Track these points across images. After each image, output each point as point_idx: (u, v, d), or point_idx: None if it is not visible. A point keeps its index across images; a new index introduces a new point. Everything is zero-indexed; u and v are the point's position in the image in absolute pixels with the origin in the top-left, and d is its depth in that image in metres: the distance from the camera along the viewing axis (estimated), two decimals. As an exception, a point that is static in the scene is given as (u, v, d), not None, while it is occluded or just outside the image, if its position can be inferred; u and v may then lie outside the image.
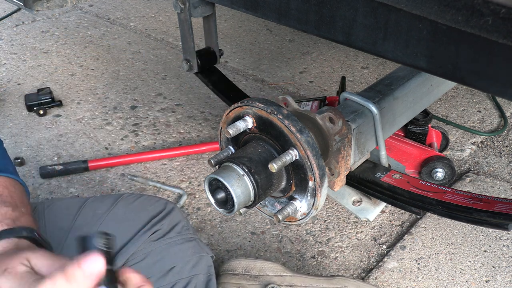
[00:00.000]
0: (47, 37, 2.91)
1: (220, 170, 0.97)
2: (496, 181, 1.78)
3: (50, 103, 2.23)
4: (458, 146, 1.96)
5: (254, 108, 0.98)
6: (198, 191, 1.79)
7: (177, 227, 1.17)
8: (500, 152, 1.93)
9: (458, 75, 0.79)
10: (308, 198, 1.00)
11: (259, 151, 0.99)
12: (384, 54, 0.87)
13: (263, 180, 0.96)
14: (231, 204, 0.95)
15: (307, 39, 2.82)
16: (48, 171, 1.85)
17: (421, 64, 0.83)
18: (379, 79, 1.32)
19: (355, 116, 1.14)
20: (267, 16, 1.01)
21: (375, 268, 1.49)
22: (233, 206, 0.95)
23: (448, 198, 1.09)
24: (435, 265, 1.49)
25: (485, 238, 1.57)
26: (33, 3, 1.39)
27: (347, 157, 1.10)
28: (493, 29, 0.68)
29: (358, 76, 2.47)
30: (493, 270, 1.47)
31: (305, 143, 0.94)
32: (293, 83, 2.44)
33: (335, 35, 0.92)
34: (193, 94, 2.35)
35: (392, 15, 0.82)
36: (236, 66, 2.59)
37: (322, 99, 1.86)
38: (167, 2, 3.34)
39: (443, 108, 2.19)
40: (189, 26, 1.39)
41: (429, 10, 0.74)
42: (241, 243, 1.59)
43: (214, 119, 2.18)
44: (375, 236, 1.60)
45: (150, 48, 2.78)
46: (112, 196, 1.21)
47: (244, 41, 2.82)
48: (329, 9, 0.90)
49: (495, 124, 2.09)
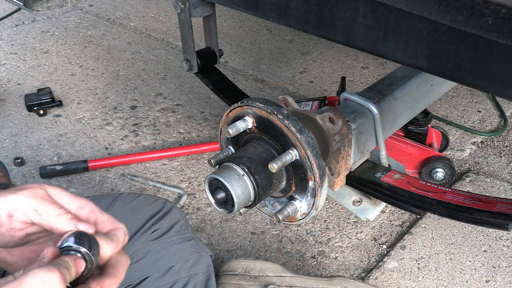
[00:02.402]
0: (47, 37, 2.91)
1: (220, 170, 0.97)
2: (496, 181, 1.78)
3: (50, 103, 2.23)
4: (458, 146, 1.96)
5: (254, 108, 0.98)
6: (198, 191, 1.79)
7: (176, 226, 1.16)
8: (500, 152, 1.93)
9: (458, 75, 0.79)
10: (308, 198, 1.00)
11: (259, 151, 0.99)
12: (384, 54, 0.87)
13: (263, 180, 0.96)
14: (231, 204, 0.95)
15: (307, 39, 2.82)
16: (48, 171, 1.85)
17: (421, 64, 0.83)
18: (379, 79, 1.32)
19: (355, 116, 1.14)
20: (267, 16, 1.01)
21: (375, 268, 1.49)
22: (233, 206, 0.95)
23: (448, 198, 1.09)
24: (435, 265, 1.49)
25: (485, 238, 1.57)
26: (33, 3, 1.39)
27: (347, 157, 1.10)
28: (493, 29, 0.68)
29: (358, 76, 2.47)
30: (493, 270, 1.47)
31: (305, 143, 0.94)
32: (293, 83, 2.44)
33: (335, 35, 0.92)
34: (193, 94, 2.35)
35: (392, 15, 0.82)
36: (236, 66, 2.59)
37: (322, 99, 1.86)
38: (167, 2, 3.34)
39: (443, 108, 2.19)
40: (189, 26, 1.39)
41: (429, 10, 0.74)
42: (241, 243, 1.59)
43: (214, 119, 2.18)
44: (375, 236, 1.60)
45: (150, 48, 2.78)
46: (111, 196, 1.20)
47: (244, 41, 2.82)
48: (329, 9, 0.90)
49: (495, 124, 2.09)
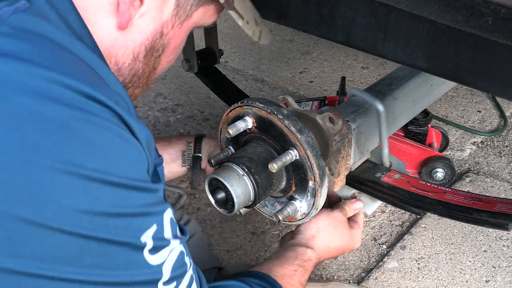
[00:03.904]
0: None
1: (220, 170, 0.97)
2: (496, 181, 1.78)
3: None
4: (458, 146, 1.96)
5: (254, 108, 0.98)
6: (198, 191, 1.79)
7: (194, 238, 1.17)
8: (500, 152, 1.93)
9: (458, 75, 0.79)
10: (308, 198, 1.00)
11: (259, 151, 0.99)
12: (384, 54, 0.87)
13: (263, 180, 0.96)
14: (231, 204, 0.95)
15: (307, 39, 2.81)
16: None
17: (421, 64, 0.83)
18: (379, 79, 1.32)
19: (355, 116, 1.14)
20: (267, 16, 1.01)
21: (375, 268, 1.49)
22: (233, 206, 0.95)
23: (448, 198, 1.09)
24: (435, 265, 1.49)
25: (485, 238, 1.57)
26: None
27: (347, 157, 1.10)
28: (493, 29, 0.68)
29: (358, 76, 2.47)
30: (493, 270, 1.47)
31: (305, 143, 0.94)
32: (293, 83, 2.44)
33: (335, 35, 0.92)
34: (193, 94, 2.35)
35: (392, 15, 0.82)
36: (236, 66, 2.59)
37: (322, 99, 1.86)
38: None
39: (443, 108, 2.19)
40: (189, 26, 1.39)
41: (429, 10, 0.74)
42: (241, 243, 1.59)
43: (214, 119, 2.18)
44: (375, 236, 1.60)
45: (150, 48, 2.78)
46: None
47: (244, 41, 2.82)
48: (329, 9, 0.90)
49: (495, 124, 2.09)
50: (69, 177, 0.58)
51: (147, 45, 0.80)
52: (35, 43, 0.62)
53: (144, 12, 0.76)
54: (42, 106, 0.58)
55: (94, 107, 0.61)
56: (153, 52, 0.82)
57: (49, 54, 0.62)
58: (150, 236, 0.66)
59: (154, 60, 0.83)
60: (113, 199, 0.62)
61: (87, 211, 0.59)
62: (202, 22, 0.86)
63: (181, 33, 0.84)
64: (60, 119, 0.58)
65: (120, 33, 0.76)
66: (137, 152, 0.65)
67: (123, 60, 0.79)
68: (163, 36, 0.81)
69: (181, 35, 0.85)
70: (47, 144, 0.57)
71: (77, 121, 0.59)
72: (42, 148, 0.57)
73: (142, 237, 0.65)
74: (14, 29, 0.61)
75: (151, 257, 0.66)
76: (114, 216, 0.62)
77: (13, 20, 0.62)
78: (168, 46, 0.84)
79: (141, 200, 0.65)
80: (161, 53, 0.84)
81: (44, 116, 0.57)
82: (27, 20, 0.63)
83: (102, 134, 0.61)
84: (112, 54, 0.77)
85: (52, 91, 0.59)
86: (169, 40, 0.83)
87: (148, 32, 0.79)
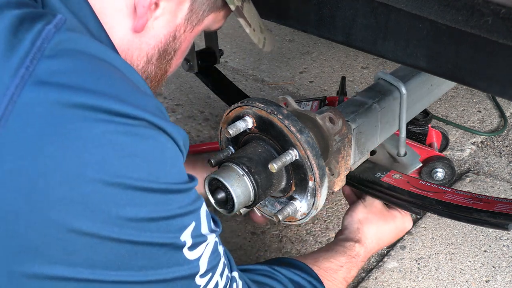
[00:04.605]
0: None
1: (220, 170, 0.97)
2: (496, 181, 1.78)
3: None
4: (458, 146, 1.96)
5: (254, 108, 0.98)
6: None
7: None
8: (500, 152, 1.93)
9: (458, 75, 0.79)
10: (308, 198, 1.00)
11: (259, 151, 0.99)
12: (384, 54, 0.87)
13: (263, 180, 0.96)
14: (231, 204, 0.95)
15: (307, 39, 2.81)
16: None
17: (421, 64, 0.83)
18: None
19: (355, 116, 1.14)
20: (267, 16, 1.01)
21: (375, 268, 1.49)
22: (233, 206, 0.95)
23: (448, 198, 1.09)
24: (435, 265, 1.49)
25: (485, 238, 1.57)
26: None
27: (347, 157, 1.10)
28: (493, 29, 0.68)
29: (358, 76, 2.47)
30: (493, 270, 1.47)
31: (305, 143, 0.94)
32: (293, 83, 2.44)
33: (335, 35, 0.92)
34: (193, 94, 2.35)
35: (392, 15, 0.82)
36: (236, 66, 2.59)
37: (322, 99, 1.86)
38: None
39: (443, 108, 2.19)
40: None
41: (429, 10, 0.74)
42: (241, 243, 1.59)
43: (214, 119, 2.18)
44: (375, 236, 1.61)
45: (150, 48, 2.78)
46: None
47: (244, 41, 2.82)
48: (329, 9, 0.90)
49: (495, 124, 2.09)
50: (116, 189, 0.63)
51: (160, 48, 0.81)
52: (79, 65, 0.65)
53: (159, 15, 0.77)
54: (88, 126, 0.62)
55: (134, 122, 0.65)
56: (165, 55, 0.83)
57: (92, 76, 0.65)
58: (189, 234, 0.70)
59: (166, 63, 0.85)
60: (156, 205, 0.67)
61: (132, 218, 0.64)
62: (210, 26, 0.87)
63: (191, 37, 0.86)
64: (104, 135, 0.63)
65: (136, 36, 0.78)
66: (175, 155, 0.69)
67: (137, 62, 0.81)
68: (176, 39, 0.83)
69: (190, 39, 0.86)
70: (96, 159, 0.62)
71: (119, 135, 0.63)
72: (91, 163, 0.62)
73: (182, 236, 0.69)
74: (60, 51, 0.64)
75: (190, 253, 0.71)
76: (156, 220, 0.67)
77: (58, 40, 0.64)
78: (179, 49, 0.85)
79: (181, 202, 0.70)
80: (173, 56, 0.85)
81: (90, 133, 0.62)
82: (69, 38, 0.66)
83: (143, 143, 0.65)
84: (128, 57, 0.79)
85: (97, 116, 0.63)
86: (180, 43, 0.84)
87: (162, 35, 0.80)
